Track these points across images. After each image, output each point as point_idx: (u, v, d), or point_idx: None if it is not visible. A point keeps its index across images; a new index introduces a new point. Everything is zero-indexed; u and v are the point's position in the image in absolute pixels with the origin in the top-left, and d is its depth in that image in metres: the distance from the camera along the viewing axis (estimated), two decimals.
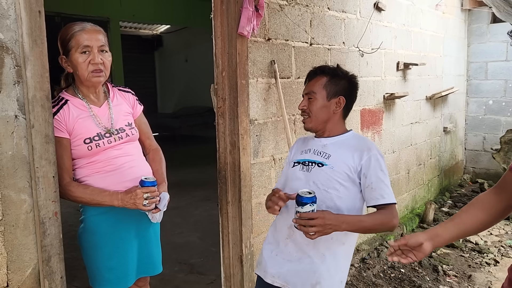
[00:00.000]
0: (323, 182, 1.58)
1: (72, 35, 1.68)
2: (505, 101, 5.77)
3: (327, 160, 1.60)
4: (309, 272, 1.57)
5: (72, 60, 1.69)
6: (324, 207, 1.54)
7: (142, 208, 1.65)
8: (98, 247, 1.79)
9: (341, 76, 1.66)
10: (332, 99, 1.63)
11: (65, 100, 1.74)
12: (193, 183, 6.16)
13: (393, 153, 4.12)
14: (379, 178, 1.55)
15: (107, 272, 1.80)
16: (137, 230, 1.87)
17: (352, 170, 1.57)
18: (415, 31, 4.37)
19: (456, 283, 3.19)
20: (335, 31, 3.18)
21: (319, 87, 1.64)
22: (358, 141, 1.65)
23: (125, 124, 1.86)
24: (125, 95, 1.96)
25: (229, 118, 2.45)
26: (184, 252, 3.74)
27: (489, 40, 5.80)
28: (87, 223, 1.80)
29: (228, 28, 2.38)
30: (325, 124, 1.66)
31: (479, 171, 6.12)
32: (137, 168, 1.83)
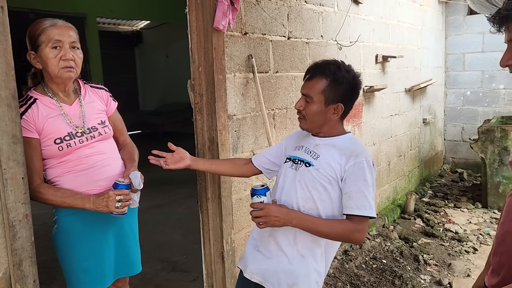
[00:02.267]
0: (307, 182, 1.55)
1: (42, 30, 1.62)
2: (482, 92, 5.87)
3: (315, 160, 1.56)
4: (286, 273, 1.57)
5: (42, 55, 1.63)
6: (307, 207, 1.54)
7: (115, 211, 1.61)
8: (73, 248, 1.75)
9: (342, 80, 1.53)
10: (330, 105, 1.54)
11: (34, 99, 1.68)
12: (176, 181, 6.11)
13: (374, 145, 4.16)
14: (359, 188, 1.47)
15: (82, 274, 1.76)
16: (113, 229, 1.84)
17: (337, 173, 1.52)
18: (393, 23, 4.39)
19: (437, 272, 3.24)
20: (313, 25, 3.17)
21: (317, 91, 1.52)
22: (350, 145, 1.57)
23: (98, 123, 1.81)
24: (98, 91, 1.90)
25: (207, 114, 2.42)
26: (166, 250, 3.70)
27: (466, 32, 5.88)
28: (60, 224, 1.77)
29: (203, 23, 2.34)
30: (321, 127, 1.60)
31: (458, 161, 6.23)
32: (110, 167, 1.79)
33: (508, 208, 1.19)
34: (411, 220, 4.35)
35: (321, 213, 1.54)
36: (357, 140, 1.65)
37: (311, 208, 1.54)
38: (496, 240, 1.22)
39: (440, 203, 4.82)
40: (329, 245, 1.61)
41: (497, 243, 1.21)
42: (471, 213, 4.52)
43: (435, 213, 4.53)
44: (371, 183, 1.49)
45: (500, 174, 4.45)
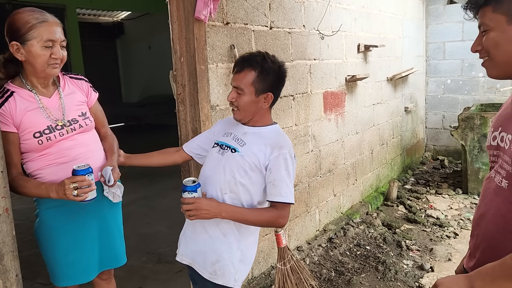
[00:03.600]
0: (232, 167, 1.63)
1: (33, 25, 1.57)
2: (462, 80, 5.97)
3: (241, 147, 1.65)
4: (210, 251, 1.66)
5: (32, 51, 1.58)
6: (228, 190, 1.63)
7: (74, 199, 1.52)
8: (55, 241, 1.74)
9: (269, 70, 1.62)
10: (260, 95, 1.63)
11: (11, 91, 1.64)
12: (161, 173, 6.06)
13: (357, 134, 4.20)
14: (282, 177, 1.59)
15: (66, 267, 1.76)
16: (96, 222, 1.83)
17: (261, 162, 1.61)
18: (374, 13, 4.42)
19: (419, 257, 3.31)
20: (295, 14, 3.17)
21: (247, 83, 1.60)
22: (275, 137, 1.67)
23: (79, 114, 1.78)
24: (78, 82, 1.86)
25: (189, 105, 2.42)
26: (152, 242, 3.70)
27: (446, 21, 5.96)
28: (42, 217, 1.75)
29: (184, 13, 2.32)
30: (252, 116, 1.68)
31: (439, 148, 6.35)
32: (92, 159, 1.76)
33: (483, 192, 1.22)
34: (394, 207, 4.43)
35: (241, 198, 1.64)
36: (282, 132, 1.75)
37: (233, 191, 1.63)
38: (472, 223, 1.26)
39: (422, 190, 4.91)
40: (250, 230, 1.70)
41: (473, 226, 1.25)
42: (452, 199, 4.62)
43: (417, 200, 4.62)
44: (292, 173, 1.63)
45: (480, 161, 4.56)
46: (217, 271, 1.64)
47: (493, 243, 1.14)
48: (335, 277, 3.04)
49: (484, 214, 1.18)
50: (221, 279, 1.65)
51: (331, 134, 3.74)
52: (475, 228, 1.23)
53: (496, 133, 1.18)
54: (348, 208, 4.14)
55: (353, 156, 4.16)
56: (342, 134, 3.93)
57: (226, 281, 1.65)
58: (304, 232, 3.44)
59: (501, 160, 1.14)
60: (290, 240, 3.26)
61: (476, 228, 1.23)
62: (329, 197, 3.79)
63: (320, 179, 3.61)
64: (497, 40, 1.10)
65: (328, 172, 3.74)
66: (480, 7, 1.13)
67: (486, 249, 1.16)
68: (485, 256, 1.16)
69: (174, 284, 2.99)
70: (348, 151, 4.05)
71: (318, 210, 3.63)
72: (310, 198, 3.49)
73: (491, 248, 1.14)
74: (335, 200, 3.89)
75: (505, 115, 1.19)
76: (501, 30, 1.09)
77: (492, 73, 1.17)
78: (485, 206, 1.18)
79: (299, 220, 3.37)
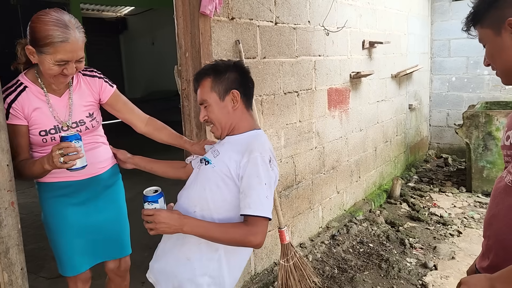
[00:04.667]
0: (203, 181, 1.49)
1: (51, 42, 1.51)
2: (467, 78, 5.94)
3: (214, 158, 1.50)
4: (170, 274, 1.51)
5: (44, 62, 1.55)
6: (198, 207, 1.48)
7: (62, 166, 1.47)
8: (58, 230, 1.79)
9: (223, 69, 1.51)
10: (225, 96, 1.50)
11: (24, 86, 1.65)
12: None
13: (360, 131, 4.19)
14: (252, 186, 1.38)
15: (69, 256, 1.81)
16: (101, 211, 1.87)
17: (232, 171, 1.43)
18: (380, 9, 4.39)
19: (422, 255, 3.31)
20: (300, 10, 3.15)
21: (207, 91, 1.50)
22: (247, 141, 1.47)
23: (86, 116, 1.78)
24: (91, 81, 1.81)
25: (194, 100, 2.41)
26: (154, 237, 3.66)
27: (452, 18, 5.92)
28: (44, 208, 1.80)
29: (190, 7, 2.31)
30: (230, 125, 1.53)
31: (443, 146, 6.32)
32: (92, 153, 1.78)
33: (494, 192, 1.21)
34: (397, 205, 4.42)
35: (213, 214, 1.46)
36: (261, 136, 1.54)
37: (204, 209, 1.47)
38: (484, 224, 1.26)
39: (425, 187, 4.89)
40: (229, 251, 1.49)
41: (485, 226, 1.24)
42: (456, 197, 4.60)
43: (420, 198, 4.60)
44: (266, 180, 1.40)
45: (484, 159, 4.54)
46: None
47: (506, 244, 1.13)
48: (338, 274, 3.04)
49: (496, 215, 1.17)
50: None
51: (335, 131, 3.72)
52: (487, 229, 1.23)
53: (510, 132, 1.18)
54: (351, 206, 4.13)
55: (356, 153, 4.15)
56: (346, 131, 3.91)
57: None
58: (307, 229, 3.43)
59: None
60: (293, 237, 3.26)
61: (488, 228, 1.22)
62: (332, 194, 3.78)
63: (323, 176, 3.60)
64: (491, 52, 1.17)
65: (332, 169, 3.73)
66: (470, 27, 1.22)
67: (499, 250, 1.16)
68: (498, 258, 1.15)
69: None
70: (351, 148, 4.04)
71: (321, 207, 3.62)
72: (314, 195, 3.49)
73: (504, 249, 1.14)
74: (338, 197, 3.89)
75: None
76: (492, 42, 1.16)
77: (504, 81, 1.21)
78: (496, 206, 1.18)
79: (302, 217, 3.36)
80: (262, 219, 1.38)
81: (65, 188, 1.77)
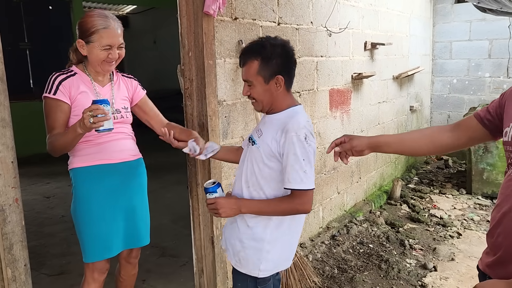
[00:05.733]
0: (252, 160, 1.64)
1: (96, 30, 1.79)
2: (468, 80, 5.95)
3: (258, 138, 1.65)
4: (235, 240, 1.69)
5: (92, 51, 1.81)
6: (250, 184, 1.64)
7: (91, 127, 1.59)
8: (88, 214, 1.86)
9: (270, 55, 1.57)
10: (270, 81, 1.59)
11: (74, 72, 1.87)
12: (165, 167, 6.10)
13: (362, 132, 4.20)
14: (290, 163, 1.53)
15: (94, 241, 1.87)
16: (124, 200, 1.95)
17: (274, 150, 1.58)
18: (382, 10, 4.40)
19: (422, 256, 3.32)
20: (303, 11, 3.17)
21: (253, 74, 1.59)
22: (285, 120, 1.59)
23: (122, 107, 1.98)
24: (128, 81, 2.08)
25: (197, 100, 2.42)
26: (156, 235, 3.68)
27: (453, 20, 5.92)
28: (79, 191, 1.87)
29: (193, 7, 2.32)
30: (271, 104, 1.64)
31: None
32: (124, 142, 1.96)
33: (504, 190, 1.20)
34: (397, 206, 4.43)
35: (264, 190, 1.62)
36: (298, 112, 1.64)
37: (255, 185, 1.63)
38: (493, 222, 1.24)
39: (425, 189, 4.90)
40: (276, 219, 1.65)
41: (494, 224, 1.23)
42: (456, 199, 4.61)
43: (420, 199, 4.61)
44: (302, 155, 1.53)
45: (484, 161, 4.54)
46: (241, 260, 1.67)
47: None
48: (338, 274, 3.05)
49: (508, 212, 1.16)
50: (244, 268, 1.67)
51: (336, 132, 3.73)
52: (495, 227, 1.21)
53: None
54: (351, 206, 4.14)
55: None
56: (347, 131, 3.92)
57: (249, 270, 1.66)
58: (307, 229, 3.44)
59: None
60: None
61: (497, 226, 1.21)
62: (333, 195, 3.79)
63: (324, 176, 3.61)
64: None
65: (333, 170, 3.74)
66: None
67: (510, 247, 1.15)
68: (508, 254, 1.15)
69: (177, 277, 3.00)
70: None
71: (322, 207, 3.63)
72: (314, 195, 3.50)
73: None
74: (338, 198, 3.90)
75: None
76: None
77: None
78: (508, 203, 1.16)
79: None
80: (304, 191, 1.54)
81: (99, 171, 1.89)
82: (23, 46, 7.07)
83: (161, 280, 2.98)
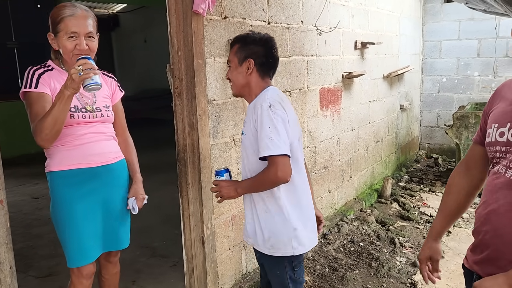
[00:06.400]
0: (244, 149, 1.77)
1: (61, 18, 1.73)
2: (457, 79, 6.00)
3: (244, 128, 1.77)
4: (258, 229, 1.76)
5: (59, 42, 1.76)
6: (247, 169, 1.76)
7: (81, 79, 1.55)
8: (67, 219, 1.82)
9: (249, 41, 1.74)
10: (242, 63, 1.73)
11: (52, 67, 1.81)
12: (155, 167, 6.05)
13: (352, 131, 4.21)
14: (260, 133, 1.61)
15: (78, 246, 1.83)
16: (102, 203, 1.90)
17: (254, 130, 1.67)
18: (372, 10, 4.42)
19: (412, 254, 3.34)
20: (293, 10, 3.16)
21: (232, 55, 1.76)
22: (256, 99, 1.73)
23: (103, 105, 1.91)
24: (108, 79, 2.02)
25: (186, 99, 2.40)
26: (146, 236, 3.69)
27: (443, 20, 5.97)
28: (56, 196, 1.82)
29: (182, 6, 2.30)
30: (244, 87, 1.77)
31: (433, 146, 6.38)
32: (105, 143, 1.89)
33: (491, 188, 1.21)
34: (387, 204, 4.45)
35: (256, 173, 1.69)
36: (267, 90, 1.74)
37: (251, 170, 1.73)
38: (478, 219, 1.25)
39: (415, 187, 4.94)
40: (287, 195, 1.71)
41: (481, 222, 1.23)
42: None
43: (410, 197, 4.64)
44: (268, 124, 1.59)
45: None
46: (273, 245, 1.72)
47: (507, 239, 1.13)
48: (329, 273, 3.06)
49: (495, 210, 1.17)
50: (279, 252, 1.72)
51: (327, 131, 3.74)
52: (482, 224, 1.22)
53: (504, 129, 1.18)
54: (342, 205, 4.16)
55: (348, 153, 4.17)
56: (338, 130, 3.93)
57: (284, 251, 1.72)
58: None
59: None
60: None
61: (484, 224, 1.21)
62: (323, 194, 3.80)
63: (315, 175, 3.62)
64: None
65: (323, 169, 3.75)
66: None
67: (500, 245, 1.16)
68: (497, 252, 1.16)
69: (168, 278, 2.99)
70: (343, 148, 4.06)
71: None
72: None
73: (505, 244, 1.14)
74: (329, 197, 3.91)
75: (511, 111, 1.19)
76: None
77: None
78: (496, 202, 1.17)
79: None
80: (274, 157, 1.57)
81: (77, 176, 1.82)
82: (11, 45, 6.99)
83: (151, 280, 2.96)
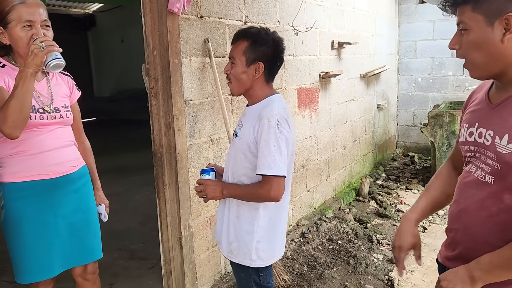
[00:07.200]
0: (235, 151, 1.70)
1: (12, 7, 1.57)
2: (432, 78, 6.12)
3: (240, 131, 1.70)
4: (225, 231, 1.75)
5: (12, 34, 1.59)
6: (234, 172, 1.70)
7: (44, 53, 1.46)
8: (20, 234, 1.69)
9: (261, 41, 1.62)
10: (251, 65, 1.62)
11: (3, 64, 1.65)
12: (133, 168, 5.99)
13: (330, 131, 4.25)
14: (261, 149, 1.57)
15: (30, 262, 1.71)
16: (66, 216, 1.78)
17: (252, 139, 1.61)
18: (348, 10, 4.47)
19: (389, 251, 3.39)
20: (270, 10, 3.17)
21: (239, 52, 1.63)
22: (262, 108, 1.62)
23: (62, 106, 1.78)
24: (64, 77, 1.88)
25: (162, 99, 2.38)
26: (124, 238, 3.64)
27: (418, 20, 6.08)
28: (8, 209, 1.69)
29: (157, 5, 2.28)
30: (247, 89, 1.68)
31: (410, 145, 6.50)
32: (65, 151, 1.76)
33: (462, 186, 1.23)
34: (365, 202, 4.51)
35: (243, 179, 1.67)
36: (273, 101, 1.65)
37: (239, 174, 1.68)
38: (450, 218, 1.27)
39: (392, 185, 5.02)
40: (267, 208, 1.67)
41: (452, 220, 1.26)
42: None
43: (388, 195, 4.72)
44: (273, 142, 1.55)
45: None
46: (233, 250, 1.72)
47: (476, 237, 1.16)
48: (308, 271, 3.08)
49: (465, 209, 1.19)
50: (237, 258, 1.72)
51: (304, 130, 3.76)
52: (454, 222, 1.24)
53: (473, 128, 1.18)
54: (321, 204, 4.19)
55: (326, 152, 4.21)
56: (316, 130, 3.96)
57: (241, 260, 1.70)
58: None
59: (483, 156, 1.13)
60: None
61: (455, 222, 1.23)
62: (302, 193, 3.82)
63: (293, 174, 3.63)
64: (472, 40, 1.07)
65: (302, 168, 3.77)
66: (459, 4, 1.10)
67: (469, 242, 1.18)
68: (468, 250, 1.18)
69: (146, 280, 2.95)
70: (321, 147, 4.10)
71: (292, 205, 3.65)
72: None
73: (474, 241, 1.16)
74: (308, 196, 3.93)
75: (480, 111, 1.19)
76: (477, 30, 1.06)
77: (474, 74, 1.13)
78: (466, 201, 1.19)
79: None
80: (272, 177, 1.56)
81: (35, 188, 1.69)
82: None
83: (129, 283, 2.93)
